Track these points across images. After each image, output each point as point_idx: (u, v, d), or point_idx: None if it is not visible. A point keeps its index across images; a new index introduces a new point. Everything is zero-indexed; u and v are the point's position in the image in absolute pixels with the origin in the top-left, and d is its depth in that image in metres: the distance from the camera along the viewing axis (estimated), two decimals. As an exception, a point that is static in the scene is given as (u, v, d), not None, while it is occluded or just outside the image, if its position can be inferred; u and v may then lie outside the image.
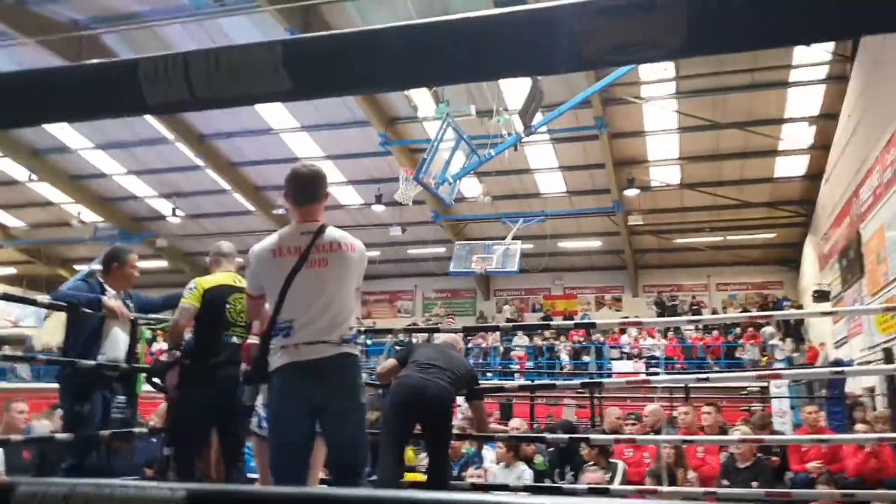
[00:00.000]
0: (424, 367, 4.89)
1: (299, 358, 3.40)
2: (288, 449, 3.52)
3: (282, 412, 3.51)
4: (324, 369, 3.40)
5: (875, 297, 14.34)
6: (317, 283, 3.47)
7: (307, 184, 3.65)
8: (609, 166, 19.71)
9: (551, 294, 28.03)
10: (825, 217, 19.36)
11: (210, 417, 4.69)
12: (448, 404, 5.02)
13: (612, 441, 6.02)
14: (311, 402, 3.44)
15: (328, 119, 19.47)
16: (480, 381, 6.06)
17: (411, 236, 23.93)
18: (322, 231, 3.55)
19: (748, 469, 6.66)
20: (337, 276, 3.51)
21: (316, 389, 3.41)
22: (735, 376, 15.82)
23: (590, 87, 14.24)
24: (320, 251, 3.50)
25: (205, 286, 4.77)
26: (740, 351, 21.90)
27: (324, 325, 3.43)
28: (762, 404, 15.32)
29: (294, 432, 3.48)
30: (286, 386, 3.45)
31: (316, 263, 3.48)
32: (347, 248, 3.58)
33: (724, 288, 26.78)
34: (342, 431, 3.52)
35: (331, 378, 3.42)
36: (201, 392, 4.57)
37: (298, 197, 3.63)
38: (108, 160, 22.49)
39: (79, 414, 5.06)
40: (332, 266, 3.50)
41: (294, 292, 3.43)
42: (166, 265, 27.86)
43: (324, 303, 3.46)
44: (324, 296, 3.47)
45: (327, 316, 3.45)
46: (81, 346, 5.12)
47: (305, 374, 3.40)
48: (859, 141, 15.25)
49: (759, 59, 15.98)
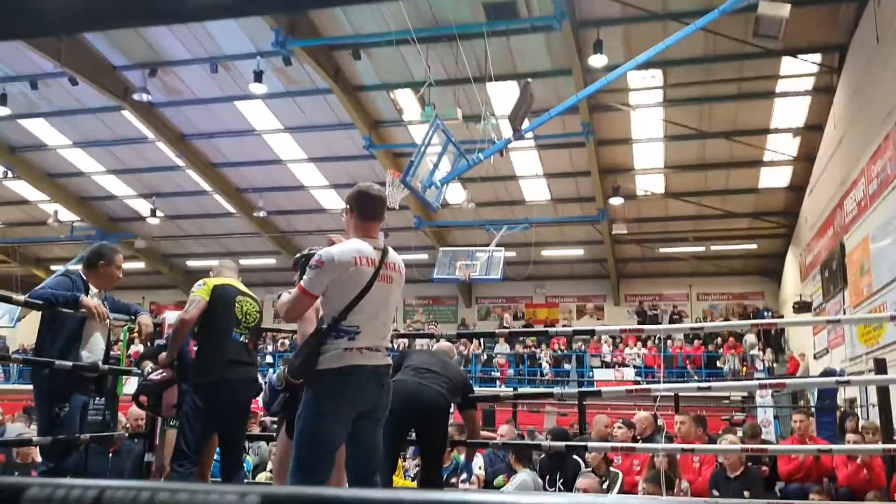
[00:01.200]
0: (420, 372, 4.76)
1: (365, 362, 3.60)
2: (327, 448, 3.60)
3: (333, 411, 3.58)
4: (381, 376, 3.68)
5: (858, 307, 14.38)
6: (383, 295, 3.73)
7: (378, 202, 3.90)
8: (595, 174, 19.67)
9: (533, 302, 27.98)
10: (808, 228, 19.44)
11: (217, 424, 4.54)
12: (445, 410, 4.90)
13: (608, 448, 5.88)
14: (361, 406, 3.63)
15: (311, 121, 19.28)
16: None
17: (393, 242, 23.33)
18: (388, 250, 3.84)
19: (739, 479, 6.56)
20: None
21: (372, 394, 3.62)
22: (737, 385, 15.77)
23: (578, 93, 14.17)
24: (388, 268, 3.77)
25: (213, 283, 4.78)
26: (721, 361, 21.95)
27: (382, 336, 3.73)
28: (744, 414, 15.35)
29: (338, 432, 3.61)
30: (346, 386, 3.58)
31: (384, 279, 3.75)
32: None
33: (705, 298, 26.87)
34: (376, 437, 3.73)
35: (380, 385, 3.68)
36: (212, 399, 4.40)
37: (368, 212, 3.86)
38: (86, 158, 22.12)
39: (57, 416, 4.86)
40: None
41: (366, 301, 3.63)
42: (144, 266, 27.47)
43: (385, 315, 3.77)
44: (385, 308, 3.76)
45: (386, 328, 3.77)
46: (60, 346, 4.92)
47: (368, 378, 3.61)
48: (845, 152, 15.31)
49: (746, 69, 16.02)
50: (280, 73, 17.21)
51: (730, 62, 15.74)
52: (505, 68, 15.76)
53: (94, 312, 4.87)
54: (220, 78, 17.41)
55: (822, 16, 14.46)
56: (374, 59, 16.56)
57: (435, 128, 12.85)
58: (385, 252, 3.79)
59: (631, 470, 7.00)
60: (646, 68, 15.03)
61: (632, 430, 7.20)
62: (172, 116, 19.93)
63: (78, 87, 17.77)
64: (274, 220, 24.56)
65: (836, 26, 14.67)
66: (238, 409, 4.54)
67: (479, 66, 15.10)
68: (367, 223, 3.84)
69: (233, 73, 17.38)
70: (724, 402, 18.01)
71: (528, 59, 16.08)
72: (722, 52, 15.25)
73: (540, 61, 16.18)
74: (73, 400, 4.93)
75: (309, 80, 17.51)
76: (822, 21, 14.56)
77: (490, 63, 14.20)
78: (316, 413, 3.57)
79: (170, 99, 18.87)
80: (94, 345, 5.09)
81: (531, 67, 16.12)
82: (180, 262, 28.91)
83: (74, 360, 4.90)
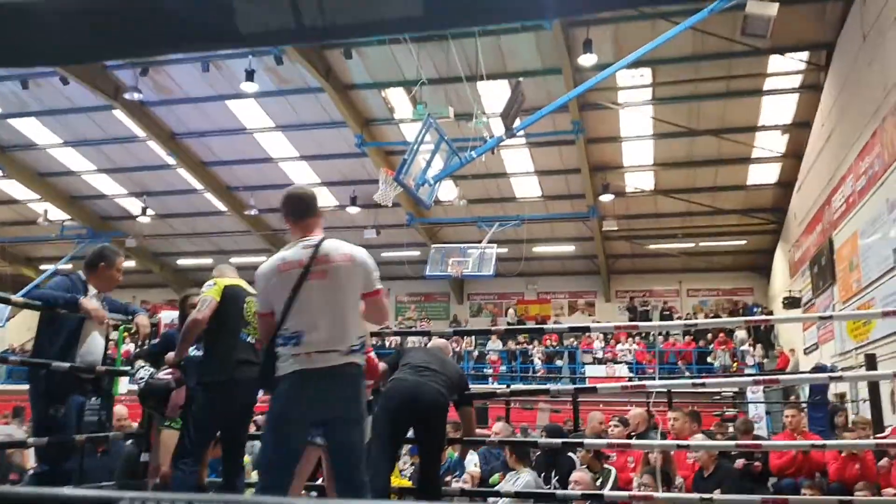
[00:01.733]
0: (419, 369, 4.77)
1: (311, 365, 3.49)
2: (283, 453, 3.58)
3: (285, 417, 3.57)
4: (334, 377, 3.51)
5: (847, 303, 14.50)
6: (320, 294, 3.59)
7: (302, 199, 3.87)
8: (585, 171, 19.76)
9: (525, 298, 28.05)
10: (796, 224, 19.57)
11: (221, 425, 4.55)
12: (444, 408, 4.91)
13: (605, 445, 5.94)
14: (316, 410, 3.55)
15: (303, 119, 19.29)
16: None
17: (386, 239, 23.79)
18: (321, 245, 3.69)
19: (712, 476, 6.59)
20: (338, 287, 3.62)
21: (327, 397, 3.52)
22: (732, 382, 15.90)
23: (568, 92, 14.23)
24: (321, 263, 3.63)
25: (223, 283, 4.72)
26: (711, 357, 22.07)
27: (331, 336, 3.55)
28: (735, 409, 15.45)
29: (293, 438, 3.58)
30: (295, 391, 3.53)
31: (318, 275, 3.60)
32: (345, 259, 3.69)
33: (695, 294, 27.01)
34: (349, 441, 3.62)
35: (341, 386, 3.55)
36: (218, 400, 4.42)
37: (298, 213, 3.82)
38: (77, 157, 22.06)
39: (53, 418, 4.87)
40: (331, 277, 3.62)
41: (299, 304, 3.55)
42: (135, 265, 27.38)
43: (329, 313, 3.58)
44: (327, 306, 3.58)
45: (334, 326, 3.56)
46: (58, 347, 4.92)
47: (317, 381, 3.50)
48: (832, 149, 15.43)
49: (735, 67, 16.13)
50: (271, 72, 17.22)
51: (718, 60, 15.84)
52: (496, 67, 15.82)
53: (94, 315, 4.88)
54: (211, 77, 17.41)
55: (810, 14, 14.57)
56: (365, 57, 16.59)
57: (427, 126, 12.89)
58: (318, 246, 3.68)
59: (626, 466, 7.07)
60: (635, 67, 15.12)
61: (627, 428, 7.27)
62: (164, 115, 19.90)
63: (69, 87, 17.73)
64: (265, 218, 24.54)
65: (823, 24, 14.79)
66: (243, 409, 4.55)
67: (470, 65, 15.15)
68: (301, 223, 3.80)
69: (224, 72, 17.36)
70: (716, 398, 18.11)
71: (518, 58, 16.14)
72: (710, 50, 15.35)
73: (530, 60, 16.25)
74: (69, 401, 4.93)
75: (300, 79, 17.53)
76: (810, 19, 14.68)
77: (481, 62, 14.25)
78: (272, 419, 3.62)
79: (161, 98, 18.84)
80: (93, 345, 5.10)
81: (522, 66, 16.18)
82: (171, 261, 28.85)
83: (73, 360, 4.90)
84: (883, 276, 12.45)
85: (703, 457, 6.56)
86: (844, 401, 12.92)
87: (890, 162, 11.90)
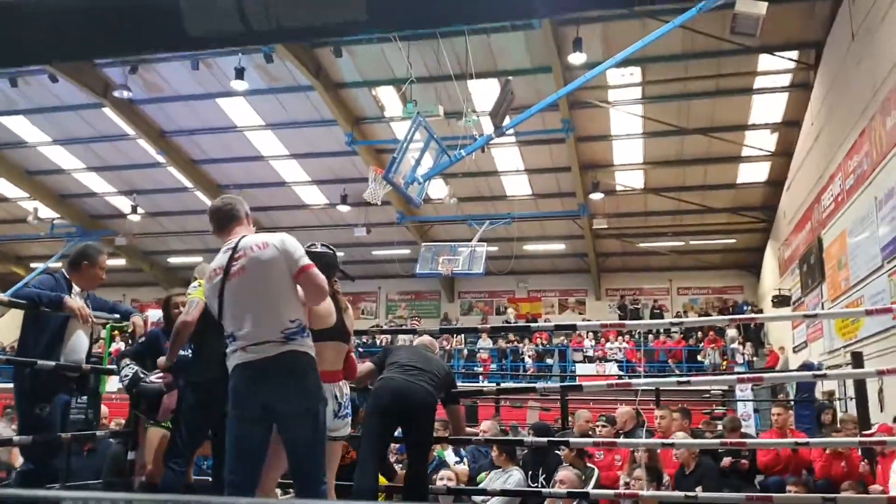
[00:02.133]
0: (406, 368, 4.75)
1: (247, 359, 3.52)
2: (243, 449, 3.59)
3: (235, 413, 3.59)
4: (269, 369, 3.49)
5: (836, 301, 14.57)
6: (241, 289, 3.60)
7: (218, 211, 3.93)
8: (575, 170, 19.79)
9: (515, 297, 28.09)
10: (786, 223, 19.66)
11: (211, 424, 4.53)
12: (432, 408, 4.88)
13: (590, 444, 5.96)
14: (261, 403, 3.52)
15: (293, 117, 19.27)
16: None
17: (376, 237, 23.79)
18: (238, 242, 3.71)
19: (693, 473, 6.62)
20: (258, 279, 3.60)
21: (264, 390, 3.50)
22: (715, 379, 15.96)
23: (558, 91, 14.24)
24: (238, 260, 3.64)
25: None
26: (701, 355, 22.14)
27: (259, 327, 3.53)
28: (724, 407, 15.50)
29: (248, 433, 3.58)
30: (238, 386, 3.56)
31: (237, 273, 3.62)
32: (259, 248, 3.65)
33: (685, 292, 27.09)
34: (295, 435, 3.57)
35: (277, 378, 3.49)
36: (207, 399, 4.39)
37: (218, 225, 3.91)
38: (66, 156, 21.97)
39: (39, 417, 4.85)
40: (249, 270, 3.61)
41: (226, 305, 3.61)
42: (124, 264, 27.30)
43: (253, 306, 3.57)
44: (249, 300, 3.58)
45: (261, 317, 3.54)
46: (43, 345, 4.91)
47: (253, 374, 3.51)
48: (822, 148, 15.50)
49: (724, 66, 16.17)
50: (261, 70, 17.18)
51: (708, 59, 15.89)
52: (486, 66, 15.82)
53: (78, 314, 4.87)
54: (201, 75, 17.36)
55: (799, 13, 14.62)
56: (355, 56, 16.57)
57: (417, 124, 12.88)
58: (234, 248, 3.69)
59: (612, 465, 7.08)
60: (625, 66, 15.16)
61: (614, 427, 7.28)
62: (153, 113, 19.84)
63: (58, 84, 17.65)
64: (255, 217, 24.29)
65: (812, 23, 14.85)
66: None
67: (459, 63, 15.15)
68: (224, 232, 3.87)
69: (214, 70, 17.32)
70: (705, 396, 18.17)
71: (508, 56, 16.15)
72: (700, 49, 15.39)
73: (520, 59, 16.26)
74: (54, 400, 4.92)
75: (290, 77, 17.50)
76: (799, 18, 14.73)
77: (471, 60, 14.25)
78: (229, 416, 3.64)
79: (150, 96, 18.78)
80: (77, 344, 5.08)
81: (511, 65, 16.20)
82: (161, 259, 28.76)
83: (57, 359, 4.89)
84: (871, 275, 12.52)
85: (683, 454, 6.59)
86: (833, 399, 12.97)
87: (878, 161, 11.96)
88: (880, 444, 5.34)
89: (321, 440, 3.64)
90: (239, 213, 3.94)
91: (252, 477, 3.62)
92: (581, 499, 5.13)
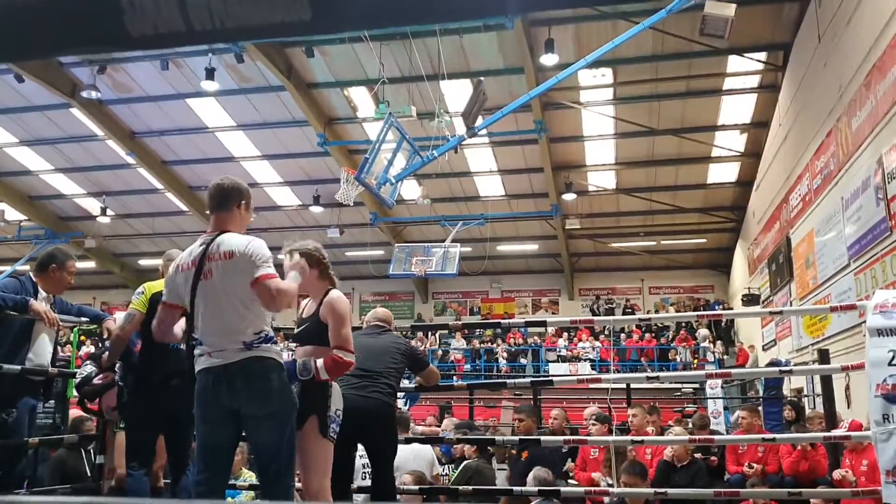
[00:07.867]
0: (356, 380, 4.41)
1: (212, 363, 3.50)
2: (204, 448, 3.59)
3: (200, 415, 3.59)
4: (231, 374, 3.47)
5: (804, 300, 14.77)
6: (208, 296, 3.55)
7: (215, 193, 3.77)
8: (548, 170, 19.87)
9: (489, 297, 28.17)
10: (755, 223, 19.89)
11: (162, 425, 4.48)
12: (390, 419, 4.67)
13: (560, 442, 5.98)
14: (225, 406, 3.51)
15: (265, 118, 19.15)
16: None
17: (349, 238, 23.73)
18: (213, 241, 3.60)
19: (685, 469, 6.71)
20: (222, 286, 3.53)
21: (226, 394, 3.48)
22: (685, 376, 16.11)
23: (530, 91, 14.29)
24: (209, 261, 3.56)
25: (152, 290, 4.55)
26: (673, 353, 22.36)
27: (222, 336, 3.51)
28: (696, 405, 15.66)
29: (212, 434, 3.58)
30: (202, 389, 3.55)
31: (206, 275, 3.55)
32: (225, 257, 3.55)
33: (657, 291, 27.33)
34: (259, 438, 3.61)
35: (239, 382, 3.48)
36: (155, 400, 4.34)
37: (211, 203, 3.78)
38: (33, 157, 21.65)
39: (4, 422, 4.79)
40: (215, 276, 3.54)
41: (196, 307, 3.56)
42: (94, 266, 26.97)
43: (217, 314, 3.53)
44: (214, 307, 3.53)
45: (223, 325, 3.51)
46: (7, 349, 4.84)
47: (215, 378, 3.49)
48: (790, 148, 15.70)
49: (694, 68, 16.33)
50: (232, 70, 17.06)
51: (678, 60, 16.03)
52: (458, 66, 15.86)
53: (45, 318, 4.82)
54: (171, 75, 17.19)
55: (767, 15, 14.81)
56: (327, 56, 16.51)
57: (389, 125, 12.88)
58: (208, 247, 3.58)
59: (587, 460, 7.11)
60: (596, 67, 15.26)
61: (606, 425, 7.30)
62: (122, 114, 19.62)
63: (24, 85, 17.37)
64: (227, 219, 24.25)
65: (780, 25, 15.05)
66: (182, 411, 4.40)
67: (432, 63, 15.16)
68: (213, 216, 3.76)
69: (184, 70, 17.17)
70: (676, 395, 18.36)
71: (480, 57, 16.18)
72: (670, 50, 15.53)
73: (492, 60, 16.30)
74: (20, 404, 4.86)
75: (262, 78, 17.39)
76: (767, 20, 14.92)
77: (443, 61, 14.27)
78: (196, 418, 3.64)
79: (120, 96, 18.57)
80: (41, 348, 5.03)
81: (484, 65, 16.23)
82: (132, 262, 28.44)
83: (22, 363, 4.83)
84: (837, 274, 12.71)
85: (679, 449, 6.65)
86: (801, 396, 13.14)
87: (844, 161, 12.14)
88: (845, 438, 5.42)
89: (289, 443, 3.59)
90: (232, 204, 3.74)
91: (220, 479, 3.62)
92: (552, 496, 5.13)
